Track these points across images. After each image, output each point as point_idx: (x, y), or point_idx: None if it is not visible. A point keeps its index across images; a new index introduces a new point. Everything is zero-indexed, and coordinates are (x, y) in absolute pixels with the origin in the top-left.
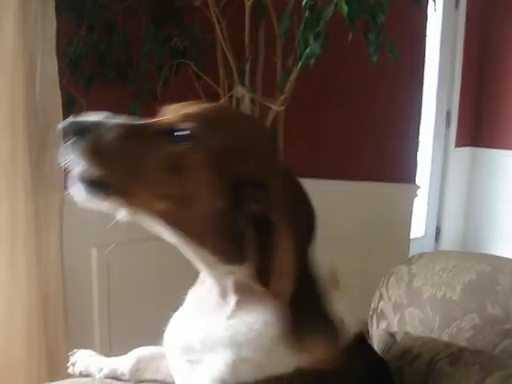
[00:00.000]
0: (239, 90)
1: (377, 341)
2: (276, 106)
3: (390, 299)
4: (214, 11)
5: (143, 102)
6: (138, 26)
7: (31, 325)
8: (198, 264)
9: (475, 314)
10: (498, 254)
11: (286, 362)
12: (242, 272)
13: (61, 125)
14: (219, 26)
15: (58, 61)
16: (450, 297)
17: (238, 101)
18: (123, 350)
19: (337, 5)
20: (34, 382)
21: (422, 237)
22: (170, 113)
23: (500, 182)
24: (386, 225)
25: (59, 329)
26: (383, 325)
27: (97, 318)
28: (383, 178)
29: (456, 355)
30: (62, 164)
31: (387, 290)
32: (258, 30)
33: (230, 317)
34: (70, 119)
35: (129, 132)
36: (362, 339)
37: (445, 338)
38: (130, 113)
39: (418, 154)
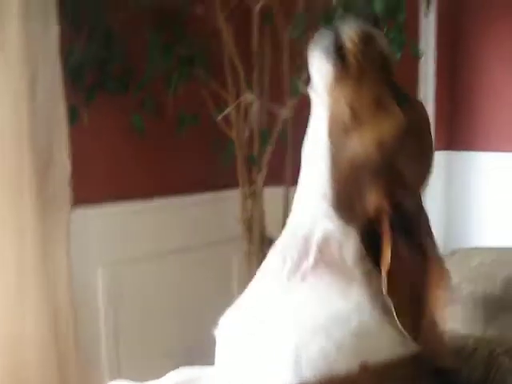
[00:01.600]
0: (247, 97)
1: None
2: (285, 112)
3: None
4: (220, 17)
5: (147, 113)
6: (140, 35)
7: (43, 350)
8: (311, 193)
9: None
10: None
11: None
12: (342, 235)
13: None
14: (226, 32)
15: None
16: (490, 292)
17: (247, 107)
18: (132, 373)
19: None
20: None
21: None
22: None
23: (476, 185)
24: None
25: (70, 354)
26: None
27: (104, 338)
28: None
29: None
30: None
31: None
32: (265, 35)
33: (303, 278)
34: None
35: (389, 62)
36: None
37: (491, 332)
38: (134, 125)
39: None
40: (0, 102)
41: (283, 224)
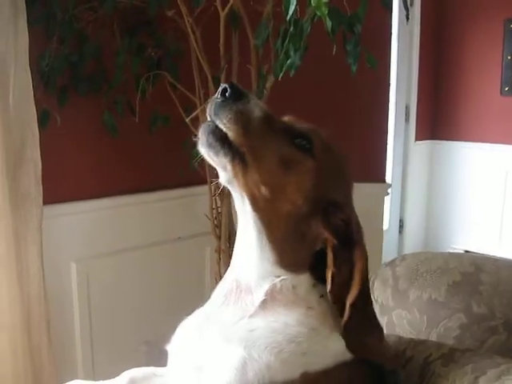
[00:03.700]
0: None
1: None
2: None
3: (376, 302)
4: (188, 21)
5: (118, 113)
6: (111, 37)
7: (16, 343)
8: (251, 257)
9: (461, 314)
10: (461, 245)
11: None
12: (294, 279)
13: (224, 84)
14: (194, 36)
15: (31, 74)
16: (435, 298)
17: None
18: (106, 366)
19: (314, 18)
20: None
21: (387, 230)
22: (293, 120)
23: (459, 173)
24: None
25: (43, 345)
26: None
27: (79, 334)
28: (355, 179)
29: (448, 356)
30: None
31: (373, 292)
32: (232, 39)
33: (252, 315)
34: (232, 83)
35: (268, 117)
36: None
37: (433, 337)
38: (105, 125)
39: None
40: None
41: None
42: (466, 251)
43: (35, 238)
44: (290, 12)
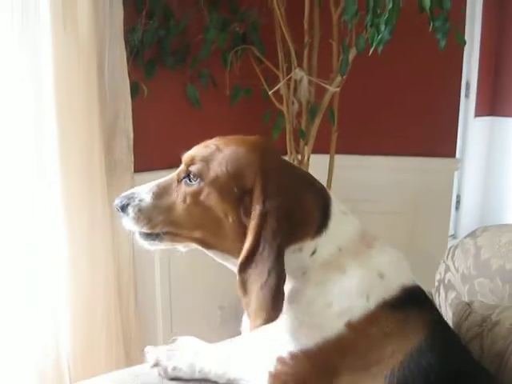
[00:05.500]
0: (298, 73)
1: (451, 310)
2: (333, 88)
3: (457, 271)
4: None
5: (203, 86)
6: (196, 13)
7: (109, 301)
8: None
9: None
10: None
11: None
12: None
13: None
14: (279, 11)
15: None
16: None
17: (296, 83)
18: (184, 328)
19: None
20: (113, 360)
21: None
22: (185, 158)
23: None
24: (428, 198)
25: (131, 306)
26: (452, 295)
27: (159, 296)
28: (425, 153)
29: None
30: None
31: (453, 261)
32: (315, 14)
33: None
34: (116, 201)
35: (158, 192)
36: (415, 292)
37: None
38: (189, 97)
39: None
40: (74, 79)
41: (327, 188)
42: None
43: None
44: None
